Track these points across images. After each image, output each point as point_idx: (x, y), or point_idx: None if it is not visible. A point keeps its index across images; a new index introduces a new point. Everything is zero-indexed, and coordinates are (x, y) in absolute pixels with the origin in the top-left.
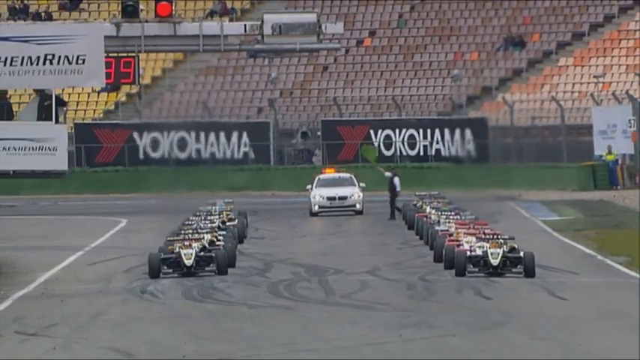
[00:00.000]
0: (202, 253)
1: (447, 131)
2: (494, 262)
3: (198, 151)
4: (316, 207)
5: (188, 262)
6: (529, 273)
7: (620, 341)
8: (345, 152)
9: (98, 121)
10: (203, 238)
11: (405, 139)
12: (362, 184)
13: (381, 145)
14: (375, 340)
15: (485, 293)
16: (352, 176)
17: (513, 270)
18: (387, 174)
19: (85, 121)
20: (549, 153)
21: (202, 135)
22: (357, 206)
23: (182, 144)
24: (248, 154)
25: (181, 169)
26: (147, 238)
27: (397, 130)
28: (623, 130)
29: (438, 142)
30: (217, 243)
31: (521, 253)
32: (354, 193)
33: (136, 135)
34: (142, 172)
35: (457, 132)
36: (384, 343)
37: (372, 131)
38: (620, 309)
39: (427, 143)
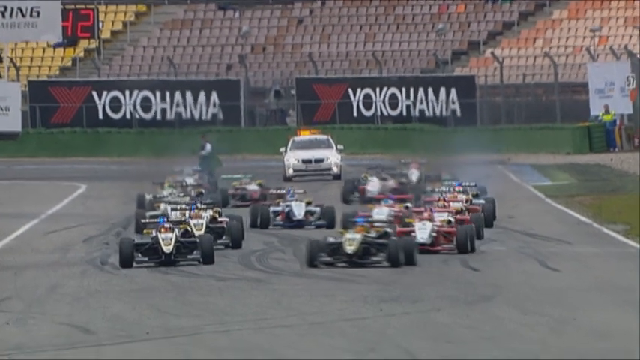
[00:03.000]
0: (184, 239)
1: (430, 90)
2: (350, 249)
3: (163, 111)
4: (290, 170)
5: (167, 249)
6: (393, 262)
7: (616, 315)
8: (321, 113)
9: (54, 79)
10: (203, 215)
11: (386, 98)
12: (340, 147)
13: (360, 104)
14: (354, 314)
15: (472, 264)
16: (329, 138)
17: (374, 258)
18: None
19: (40, 79)
20: (542, 113)
21: (167, 94)
22: (335, 170)
23: (145, 104)
24: (217, 114)
25: (145, 131)
26: (108, 205)
27: (378, 89)
28: (621, 88)
29: (421, 102)
30: (220, 220)
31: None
32: (330, 155)
33: (95, 94)
34: (102, 134)
35: (442, 91)
36: (363, 318)
37: (350, 90)
38: (617, 281)
39: (410, 103)
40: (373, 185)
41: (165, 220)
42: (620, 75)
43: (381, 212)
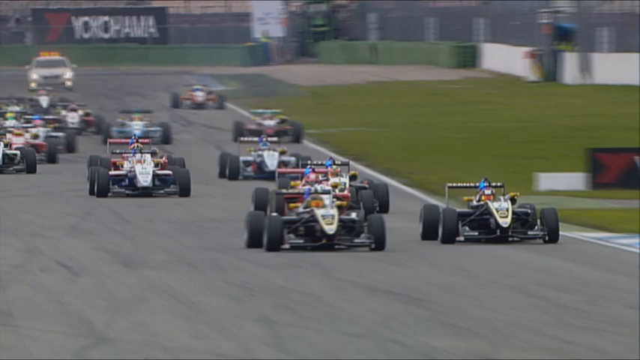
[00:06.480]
0: (347, 217)
1: (134, 18)
2: None
3: None
4: (33, 84)
5: (329, 229)
6: None
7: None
8: (51, 35)
9: None
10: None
11: (100, 24)
12: (74, 65)
13: (82, 28)
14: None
15: (170, 151)
16: (65, 59)
17: None
18: None
19: None
20: (218, 36)
21: None
22: (68, 83)
23: None
24: None
25: None
26: None
27: (94, 17)
28: (276, 17)
29: (127, 27)
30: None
31: None
32: (65, 72)
33: None
34: None
35: (142, 19)
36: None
37: (73, 17)
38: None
39: (119, 27)
40: None
41: (312, 189)
42: (275, 7)
43: None
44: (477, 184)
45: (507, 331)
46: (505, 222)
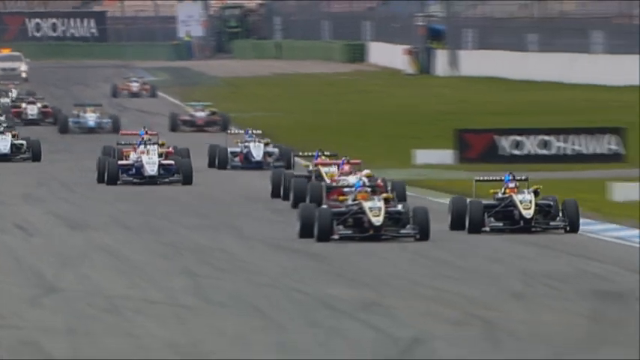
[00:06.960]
0: (392, 209)
1: (78, 20)
2: None
3: None
4: None
5: (376, 221)
6: None
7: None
8: (8, 34)
9: None
10: None
11: (49, 25)
12: (27, 60)
13: (35, 28)
14: None
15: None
16: (21, 54)
17: None
18: None
19: None
20: (147, 35)
21: None
22: (23, 75)
23: None
24: None
25: None
26: None
27: (45, 20)
28: (197, 19)
29: (74, 28)
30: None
31: None
32: (20, 65)
33: None
34: None
35: (85, 20)
36: None
37: (27, 19)
38: None
39: (65, 28)
40: None
41: (362, 183)
42: (196, 11)
43: None
44: (502, 178)
45: (390, 282)
46: (528, 213)
